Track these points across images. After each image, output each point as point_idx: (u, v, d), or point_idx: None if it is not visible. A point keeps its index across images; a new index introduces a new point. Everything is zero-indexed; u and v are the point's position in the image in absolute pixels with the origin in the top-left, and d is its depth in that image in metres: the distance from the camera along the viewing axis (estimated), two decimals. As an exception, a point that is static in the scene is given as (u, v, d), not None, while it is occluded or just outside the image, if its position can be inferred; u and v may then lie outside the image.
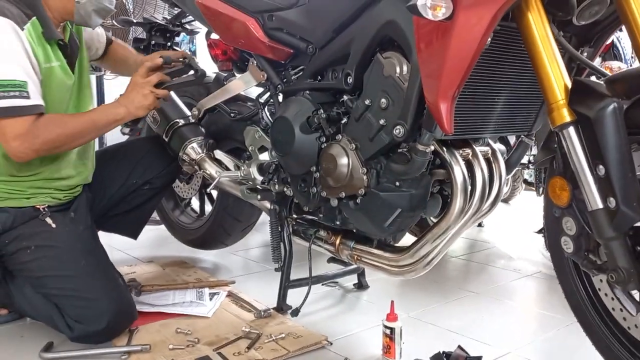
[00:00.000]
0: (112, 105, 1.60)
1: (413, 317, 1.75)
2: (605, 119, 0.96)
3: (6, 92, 1.39)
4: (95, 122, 1.55)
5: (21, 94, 1.41)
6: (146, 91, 1.57)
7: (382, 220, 1.37)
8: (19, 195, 1.57)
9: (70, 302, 1.51)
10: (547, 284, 2.13)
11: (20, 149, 1.44)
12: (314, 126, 1.46)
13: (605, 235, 1.00)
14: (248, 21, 1.66)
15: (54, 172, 1.62)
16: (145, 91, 1.57)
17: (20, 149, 1.44)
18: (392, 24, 1.22)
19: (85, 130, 1.54)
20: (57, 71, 1.56)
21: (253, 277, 2.21)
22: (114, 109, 1.58)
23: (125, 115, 1.58)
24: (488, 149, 1.38)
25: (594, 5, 1.12)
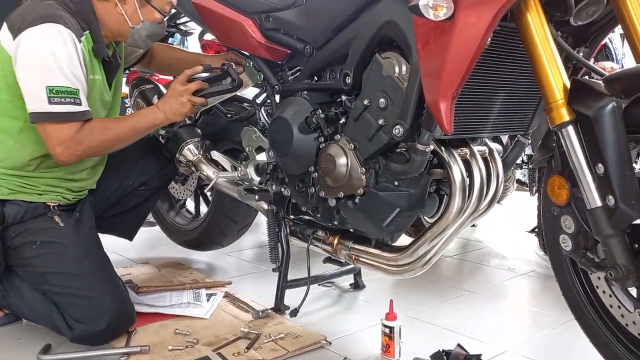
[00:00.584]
0: (151, 110, 1.64)
1: (410, 316, 1.76)
2: (605, 118, 0.97)
3: (62, 98, 1.44)
4: (135, 128, 1.59)
5: (75, 100, 1.46)
6: (184, 99, 1.61)
7: (380, 220, 1.38)
8: (31, 190, 1.58)
9: (72, 300, 1.51)
10: (541, 283, 2.15)
11: (65, 154, 1.49)
12: (312, 126, 1.47)
13: (604, 233, 1.01)
14: (245, 22, 1.66)
15: (69, 174, 1.64)
16: (184, 99, 1.61)
17: (64, 154, 1.49)
18: (392, 24, 1.23)
19: (126, 135, 1.59)
20: (99, 84, 1.60)
21: (248, 277, 2.21)
22: (153, 114, 1.62)
23: (164, 120, 1.62)
24: (485, 148, 1.39)
25: (591, 6, 1.14)
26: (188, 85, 1.62)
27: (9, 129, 1.54)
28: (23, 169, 1.57)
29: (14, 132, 1.53)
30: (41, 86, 1.42)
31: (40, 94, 1.43)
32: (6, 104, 1.52)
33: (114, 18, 1.58)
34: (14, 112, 1.52)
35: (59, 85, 1.43)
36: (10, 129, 1.53)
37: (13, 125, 1.53)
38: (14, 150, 1.55)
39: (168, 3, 1.63)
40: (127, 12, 1.57)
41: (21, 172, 1.57)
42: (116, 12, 1.58)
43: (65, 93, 1.44)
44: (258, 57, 1.68)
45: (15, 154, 1.55)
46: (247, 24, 1.66)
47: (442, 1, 1.00)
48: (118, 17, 1.58)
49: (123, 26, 1.59)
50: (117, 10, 1.57)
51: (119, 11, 1.57)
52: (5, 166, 1.55)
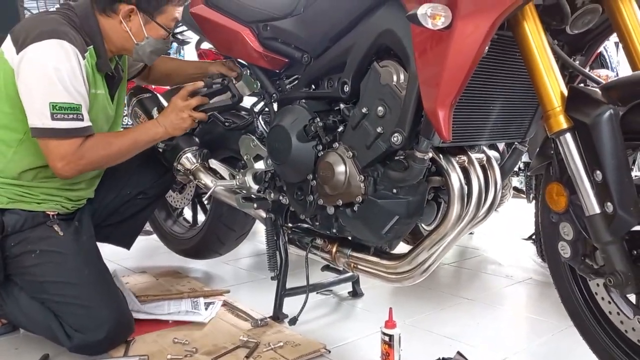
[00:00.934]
0: (151, 124, 1.66)
1: (409, 324, 1.76)
2: (602, 125, 0.98)
3: (65, 114, 1.45)
4: (136, 142, 1.62)
5: (77, 116, 1.48)
6: (185, 115, 1.64)
7: (379, 228, 1.38)
8: (30, 199, 1.58)
9: (71, 309, 1.51)
10: (539, 290, 2.15)
11: (66, 168, 1.50)
12: (310, 134, 1.47)
13: (603, 240, 1.02)
14: (243, 31, 1.67)
15: (67, 184, 1.65)
16: (184, 115, 1.64)
17: (65, 169, 1.50)
18: (390, 33, 1.24)
19: (127, 149, 1.61)
20: (102, 99, 1.61)
21: (246, 286, 2.21)
22: (154, 129, 1.64)
23: (164, 135, 1.65)
24: (483, 155, 1.40)
25: (587, 15, 1.15)
26: (189, 100, 1.65)
27: (9, 141, 1.54)
28: (21, 179, 1.57)
29: (13, 143, 1.54)
30: (44, 102, 1.43)
31: (44, 110, 1.43)
32: (7, 116, 1.52)
33: (118, 34, 1.59)
34: (14, 124, 1.52)
35: (62, 102, 1.44)
36: (10, 141, 1.54)
37: (13, 137, 1.53)
38: (13, 162, 1.55)
39: (173, 20, 1.63)
40: (131, 29, 1.58)
41: (20, 182, 1.57)
42: (121, 28, 1.58)
43: (68, 109, 1.45)
44: (256, 66, 1.69)
45: (14, 165, 1.55)
46: (245, 33, 1.66)
47: (440, 10, 1.01)
48: (123, 34, 1.59)
49: (128, 43, 1.60)
50: (122, 27, 1.57)
51: (123, 28, 1.57)
52: (4, 176, 1.55)
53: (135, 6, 1.55)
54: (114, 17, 1.57)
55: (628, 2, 1.12)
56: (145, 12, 1.57)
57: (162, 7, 1.58)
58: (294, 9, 1.55)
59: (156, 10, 1.57)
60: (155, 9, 1.57)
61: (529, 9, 1.08)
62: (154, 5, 1.56)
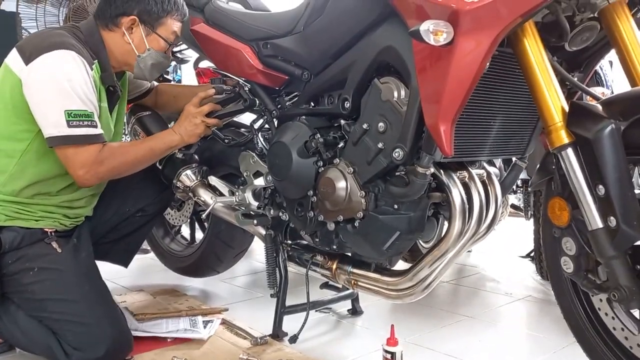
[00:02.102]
0: (167, 133, 1.71)
1: (410, 342, 1.74)
2: (604, 140, 0.98)
3: (81, 121, 1.47)
4: (153, 150, 1.65)
5: (92, 123, 1.51)
6: (198, 121, 1.68)
7: (380, 243, 1.37)
8: (28, 216, 1.57)
9: (70, 327, 1.49)
10: (539, 307, 2.14)
11: (87, 176, 1.52)
12: (311, 150, 1.47)
13: (606, 255, 1.02)
14: (243, 49, 1.68)
15: (67, 202, 1.64)
16: (197, 121, 1.68)
17: (86, 177, 1.53)
18: (391, 49, 1.25)
19: (144, 157, 1.64)
20: (104, 112, 1.63)
21: (244, 304, 2.19)
22: (169, 137, 1.68)
23: (179, 142, 1.69)
24: (483, 171, 1.41)
25: (585, 32, 1.17)
26: (201, 107, 1.69)
27: (12, 152, 1.54)
28: (21, 196, 1.56)
29: (16, 154, 1.53)
30: (60, 111, 1.45)
31: (59, 119, 1.45)
32: (13, 126, 1.52)
33: (121, 47, 1.63)
34: (19, 135, 1.53)
35: (77, 109, 1.47)
36: (13, 152, 1.54)
37: (17, 148, 1.53)
38: (14, 177, 1.54)
39: (172, 33, 1.67)
40: (134, 41, 1.62)
41: (19, 199, 1.56)
42: (123, 41, 1.62)
43: (83, 116, 1.47)
44: (256, 83, 1.69)
45: (15, 181, 1.54)
46: (245, 51, 1.68)
47: (442, 26, 1.02)
48: (125, 47, 1.63)
49: (130, 55, 1.64)
50: (125, 39, 1.62)
51: (126, 40, 1.62)
52: (3, 192, 1.54)
53: (137, 17, 1.61)
54: (117, 30, 1.62)
55: (626, 19, 1.14)
56: (146, 23, 1.63)
57: (162, 19, 1.64)
58: (294, 27, 1.56)
59: (156, 22, 1.64)
60: (156, 21, 1.63)
61: (529, 26, 1.10)
62: (154, 17, 1.63)
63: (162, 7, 1.63)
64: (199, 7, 1.83)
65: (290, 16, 1.58)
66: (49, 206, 1.61)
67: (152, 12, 1.62)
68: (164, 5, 1.63)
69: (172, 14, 1.65)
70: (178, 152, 1.88)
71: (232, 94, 1.74)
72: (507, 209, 3.49)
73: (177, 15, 1.67)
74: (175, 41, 1.71)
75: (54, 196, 1.60)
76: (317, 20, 1.48)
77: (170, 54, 1.73)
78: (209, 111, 1.70)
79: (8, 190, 1.54)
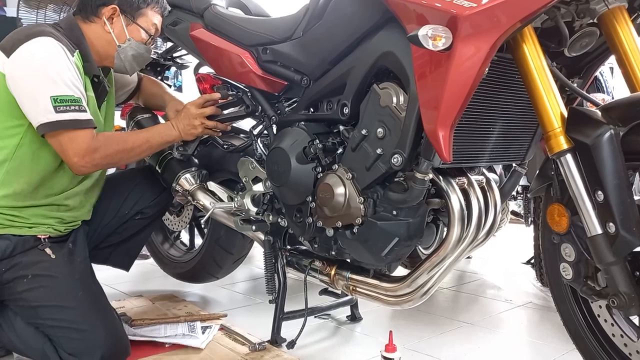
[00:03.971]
0: (166, 126, 1.71)
1: (409, 348, 1.73)
2: (603, 146, 0.98)
3: (67, 106, 1.46)
4: (149, 141, 1.65)
5: (79, 107, 1.49)
6: (197, 122, 1.69)
7: (379, 250, 1.37)
8: (20, 223, 1.55)
9: (65, 333, 1.48)
10: (539, 314, 2.13)
11: (82, 163, 1.51)
12: (310, 156, 1.47)
13: (606, 261, 1.01)
14: (242, 54, 1.68)
15: (64, 198, 1.64)
16: (197, 122, 1.69)
17: (81, 164, 1.51)
18: (390, 55, 1.24)
19: (140, 147, 1.63)
20: (92, 102, 1.63)
21: (243, 310, 2.18)
22: (167, 131, 1.69)
23: (176, 137, 1.70)
24: (483, 177, 1.40)
25: (585, 37, 1.17)
26: (202, 109, 1.70)
27: (5, 147, 1.51)
28: (12, 203, 1.53)
29: (11, 150, 1.52)
30: (46, 97, 1.44)
31: (47, 105, 1.44)
32: (3, 124, 1.51)
33: (101, 39, 1.64)
34: (10, 131, 1.51)
35: (63, 95, 1.46)
36: (7, 147, 1.52)
37: (10, 144, 1.52)
38: (11, 173, 1.52)
39: (153, 25, 1.70)
40: (114, 31, 1.64)
41: (11, 205, 1.53)
42: (104, 31, 1.64)
43: (69, 101, 1.46)
44: (255, 89, 1.69)
45: (12, 176, 1.52)
46: (244, 57, 1.68)
47: (441, 31, 1.02)
48: (106, 37, 1.64)
49: (110, 46, 1.65)
50: (105, 29, 1.64)
51: (106, 30, 1.64)
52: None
53: (118, 7, 1.63)
54: (97, 21, 1.64)
55: (625, 25, 1.14)
56: (126, 13, 1.65)
57: (142, 10, 1.67)
58: (294, 32, 1.57)
59: (137, 12, 1.66)
60: (136, 11, 1.66)
61: (528, 32, 1.09)
62: (134, 7, 1.65)
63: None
64: (198, 12, 1.84)
65: (289, 22, 1.59)
66: (44, 210, 1.59)
67: (132, 3, 1.65)
68: None
69: (151, 5, 1.68)
70: (177, 153, 1.88)
71: (234, 99, 1.74)
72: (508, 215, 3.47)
73: (157, 7, 1.70)
74: (156, 34, 1.73)
75: (52, 190, 1.59)
76: (316, 26, 1.48)
77: (150, 46, 1.73)
78: (210, 114, 1.71)
79: (6, 190, 1.52)
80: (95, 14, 1.63)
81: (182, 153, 1.89)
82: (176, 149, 1.88)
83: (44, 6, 2.98)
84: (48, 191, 1.59)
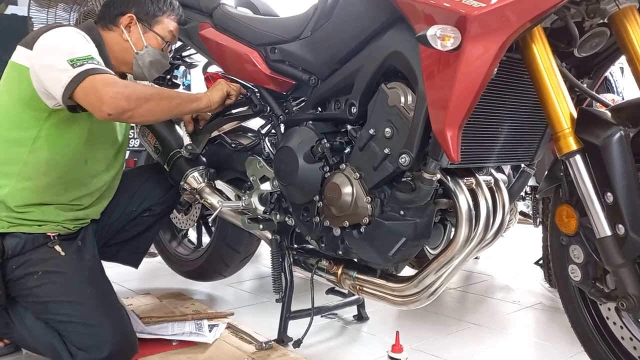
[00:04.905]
0: (195, 93, 1.73)
1: (416, 348, 1.73)
2: (613, 147, 0.97)
3: (84, 61, 1.44)
4: (179, 95, 1.63)
5: (99, 63, 1.47)
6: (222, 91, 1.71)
7: (386, 250, 1.36)
8: (31, 222, 1.57)
9: (74, 328, 1.50)
10: (547, 315, 2.12)
11: (112, 93, 1.41)
12: (317, 155, 1.47)
13: (615, 263, 1.00)
14: (251, 54, 1.69)
15: (72, 205, 1.65)
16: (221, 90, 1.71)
17: (111, 93, 1.40)
18: (398, 54, 1.24)
19: (169, 99, 1.57)
20: None
21: (250, 308, 2.19)
22: (195, 98, 1.68)
23: (205, 106, 1.68)
24: (491, 178, 1.39)
25: (595, 37, 1.16)
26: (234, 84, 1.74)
27: (24, 140, 1.54)
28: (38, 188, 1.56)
29: (28, 142, 1.54)
30: (62, 62, 1.43)
31: (65, 67, 1.42)
32: (21, 115, 1.53)
33: (119, 46, 1.68)
34: (28, 123, 1.53)
35: (78, 56, 1.44)
36: (24, 140, 1.54)
37: (27, 136, 1.54)
38: (29, 165, 1.54)
39: (169, 32, 1.74)
40: (131, 38, 1.68)
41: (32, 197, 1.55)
42: (122, 39, 1.68)
43: (87, 58, 1.44)
44: (263, 88, 1.70)
45: (31, 169, 1.54)
46: (253, 56, 1.68)
47: (449, 31, 1.02)
48: (123, 45, 1.68)
49: (128, 53, 1.69)
50: (123, 37, 1.68)
51: (124, 38, 1.67)
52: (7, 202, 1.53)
53: (134, 15, 1.68)
54: (115, 30, 1.68)
55: (636, 25, 1.12)
56: (143, 21, 1.69)
57: (158, 18, 1.72)
58: (302, 32, 1.57)
59: (153, 20, 1.71)
60: (152, 19, 1.71)
61: (538, 32, 1.09)
62: (151, 15, 1.70)
63: (158, 6, 1.71)
64: (207, 12, 1.84)
65: (298, 21, 1.59)
66: (57, 209, 1.61)
67: (149, 11, 1.70)
68: (160, 5, 1.72)
69: (167, 13, 1.73)
70: (185, 152, 1.89)
71: (242, 98, 1.75)
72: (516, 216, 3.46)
73: (173, 15, 1.75)
74: (172, 41, 1.77)
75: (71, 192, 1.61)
76: (324, 25, 1.48)
77: (168, 53, 1.76)
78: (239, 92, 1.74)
79: (22, 186, 1.54)
80: (114, 22, 1.68)
81: (190, 152, 1.89)
82: (185, 148, 1.89)
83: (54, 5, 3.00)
84: (66, 188, 1.61)
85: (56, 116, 1.53)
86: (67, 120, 1.55)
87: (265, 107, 1.70)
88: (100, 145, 1.69)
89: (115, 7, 1.69)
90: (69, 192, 1.63)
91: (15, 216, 1.55)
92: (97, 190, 1.71)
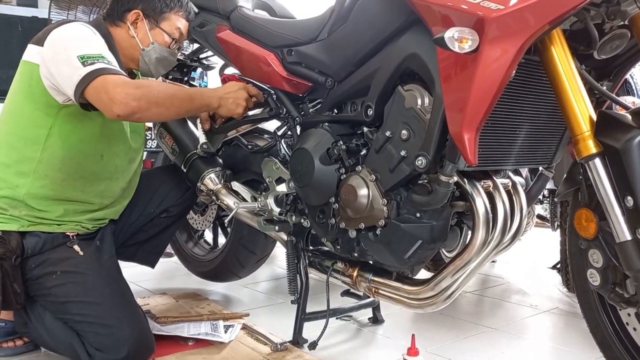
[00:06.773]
0: (209, 92, 1.67)
1: (431, 352, 1.72)
2: (633, 150, 0.96)
3: (95, 59, 1.45)
4: (191, 98, 1.59)
5: (109, 62, 1.47)
6: (242, 101, 1.67)
7: (402, 252, 1.36)
8: (50, 221, 1.59)
9: (92, 328, 1.51)
10: (565, 320, 2.10)
11: (123, 94, 1.40)
12: (333, 157, 1.47)
13: (635, 268, 0.99)
14: (268, 56, 1.69)
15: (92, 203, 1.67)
16: (241, 101, 1.67)
17: (122, 94, 1.40)
18: (415, 57, 1.24)
19: (181, 98, 1.55)
20: None
21: (265, 309, 2.19)
22: (208, 98, 1.63)
23: (216, 107, 1.66)
24: (508, 181, 1.38)
25: (615, 40, 1.14)
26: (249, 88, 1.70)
27: (37, 137, 1.56)
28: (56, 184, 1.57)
29: (41, 139, 1.56)
30: (73, 58, 1.44)
31: (75, 64, 1.43)
32: (33, 113, 1.55)
33: (126, 42, 1.69)
34: (39, 120, 1.55)
35: (88, 53, 1.45)
36: (38, 137, 1.56)
37: (40, 133, 1.56)
38: (44, 162, 1.56)
39: (176, 29, 1.74)
40: (138, 35, 1.69)
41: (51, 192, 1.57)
42: (128, 36, 1.69)
43: (97, 56, 1.45)
44: (280, 90, 1.70)
45: (46, 166, 1.56)
46: (269, 58, 1.68)
47: (467, 34, 1.01)
48: (130, 41, 1.69)
49: (135, 50, 1.70)
50: (130, 33, 1.69)
51: (131, 34, 1.69)
52: (26, 199, 1.55)
53: (141, 11, 1.68)
54: (123, 26, 1.69)
55: (657, 27, 1.11)
56: (149, 18, 1.70)
57: (165, 14, 1.71)
58: (319, 34, 1.57)
59: (159, 17, 1.71)
60: (159, 15, 1.71)
61: (557, 34, 1.08)
62: (157, 11, 1.70)
63: (165, 3, 1.71)
64: (225, 14, 1.85)
65: (314, 23, 1.59)
66: (76, 206, 1.63)
67: (156, 7, 1.70)
68: (167, 1, 1.71)
69: (175, 10, 1.73)
70: (200, 150, 1.90)
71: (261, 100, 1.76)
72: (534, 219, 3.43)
73: (181, 12, 1.74)
74: (180, 38, 1.76)
75: (89, 188, 1.63)
76: (341, 28, 1.48)
77: (176, 50, 1.76)
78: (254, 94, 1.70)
79: (40, 184, 1.56)
80: (121, 19, 1.69)
81: (205, 150, 1.91)
82: (200, 146, 1.90)
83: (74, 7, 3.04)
84: (84, 183, 1.63)
85: (66, 111, 1.55)
86: (78, 116, 1.56)
87: (282, 109, 1.70)
88: (117, 141, 1.71)
89: (122, 3, 1.69)
90: (87, 187, 1.64)
91: (36, 215, 1.57)
92: (119, 190, 1.73)
